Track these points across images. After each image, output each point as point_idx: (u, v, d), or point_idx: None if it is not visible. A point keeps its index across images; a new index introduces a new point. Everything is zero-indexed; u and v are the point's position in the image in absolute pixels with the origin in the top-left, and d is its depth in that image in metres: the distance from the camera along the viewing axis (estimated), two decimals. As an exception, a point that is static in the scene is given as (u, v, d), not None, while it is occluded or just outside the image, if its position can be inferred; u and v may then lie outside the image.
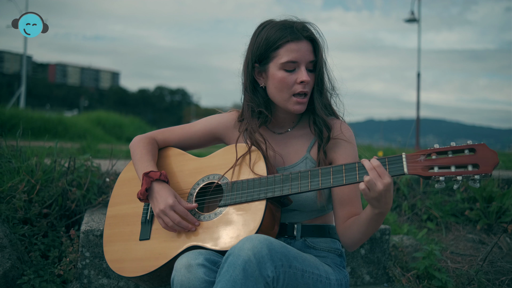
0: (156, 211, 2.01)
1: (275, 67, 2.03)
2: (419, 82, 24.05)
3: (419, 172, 1.72)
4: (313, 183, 1.87)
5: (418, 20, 24.19)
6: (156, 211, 2.01)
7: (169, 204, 1.98)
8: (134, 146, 2.26)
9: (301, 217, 2.11)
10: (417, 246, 3.22)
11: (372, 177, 1.73)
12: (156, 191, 2.03)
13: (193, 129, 2.31)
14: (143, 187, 2.03)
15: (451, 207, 3.94)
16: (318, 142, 2.11)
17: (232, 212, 1.95)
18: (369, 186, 1.74)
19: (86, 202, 3.10)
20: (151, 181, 2.04)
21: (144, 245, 2.07)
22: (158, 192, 2.03)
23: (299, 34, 2.02)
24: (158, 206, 2.00)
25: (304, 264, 1.86)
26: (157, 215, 2.01)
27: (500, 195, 3.92)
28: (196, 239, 1.96)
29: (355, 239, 1.99)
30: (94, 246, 2.50)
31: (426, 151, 1.73)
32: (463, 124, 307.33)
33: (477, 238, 3.70)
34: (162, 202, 1.99)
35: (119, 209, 2.23)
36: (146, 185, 2.03)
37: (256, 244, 1.70)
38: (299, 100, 2.04)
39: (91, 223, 2.61)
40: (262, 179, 1.95)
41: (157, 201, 2.01)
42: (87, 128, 16.35)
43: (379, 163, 1.74)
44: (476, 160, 1.65)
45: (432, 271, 2.88)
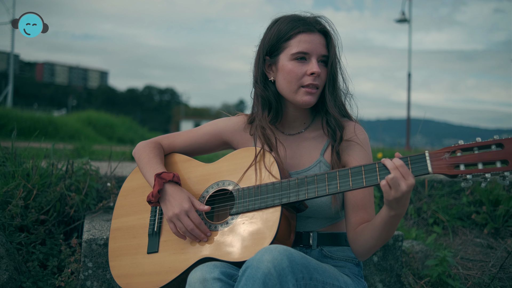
0: (170, 215, 1.90)
1: (286, 58, 1.96)
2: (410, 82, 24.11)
3: (444, 171, 1.62)
4: (331, 187, 1.77)
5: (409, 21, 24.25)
6: (170, 215, 1.90)
7: (185, 209, 1.88)
8: (140, 151, 2.14)
9: (316, 225, 2.01)
10: (427, 252, 3.14)
11: (396, 176, 1.63)
12: (169, 194, 1.92)
13: (200, 132, 2.20)
14: (156, 188, 1.92)
15: (457, 210, 3.86)
16: (331, 144, 2.01)
17: (245, 221, 1.84)
18: (392, 185, 1.63)
19: (85, 207, 2.98)
20: (163, 182, 1.94)
21: (152, 259, 1.95)
22: (171, 194, 1.92)
23: (312, 26, 1.96)
24: (173, 209, 1.89)
25: (325, 275, 1.76)
26: (169, 219, 1.90)
27: (506, 198, 3.85)
28: (208, 250, 1.85)
29: (367, 246, 1.88)
30: (98, 256, 2.38)
31: (451, 148, 1.63)
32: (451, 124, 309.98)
33: (485, 242, 3.62)
34: (177, 206, 1.89)
35: (124, 221, 2.11)
36: (159, 186, 1.92)
37: (276, 255, 1.59)
38: (308, 90, 1.94)
39: (93, 231, 2.48)
40: (276, 184, 1.84)
41: (171, 204, 1.90)
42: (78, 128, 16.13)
43: (402, 162, 1.64)
44: (504, 156, 1.55)
45: (446, 278, 2.79)
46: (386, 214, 1.74)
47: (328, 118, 2.02)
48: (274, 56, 2.00)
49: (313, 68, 1.92)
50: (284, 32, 1.97)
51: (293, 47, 1.94)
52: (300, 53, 1.93)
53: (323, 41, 1.97)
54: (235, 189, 1.92)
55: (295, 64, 1.94)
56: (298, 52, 1.93)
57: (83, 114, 19.59)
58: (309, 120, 2.11)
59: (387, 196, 1.66)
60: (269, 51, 2.01)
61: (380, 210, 1.79)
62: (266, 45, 2.02)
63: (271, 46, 2.00)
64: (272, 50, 2.00)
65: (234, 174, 1.96)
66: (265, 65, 2.04)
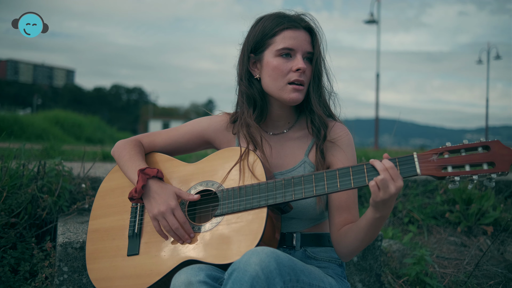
0: (154, 212, 1.84)
1: (271, 54, 1.93)
2: (378, 82, 24.46)
3: (432, 173, 1.62)
4: (318, 188, 1.74)
5: (377, 22, 24.59)
6: (154, 212, 1.84)
7: (171, 206, 1.83)
8: (120, 149, 2.08)
9: (299, 226, 1.98)
10: (404, 251, 3.16)
11: (386, 178, 1.62)
12: (154, 190, 1.87)
13: (181, 131, 2.15)
14: (139, 184, 1.86)
15: (431, 209, 3.91)
16: (316, 143, 2.00)
17: (230, 222, 1.80)
18: (381, 187, 1.62)
19: (57, 209, 2.88)
20: (147, 178, 1.88)
21: (133, 261, 1.89)
22: (156, 191, 1.87)
23: (297, 23, 1.95)
24: (158, 207, 1.84)
25: (311, 277, 1.74)
26: (154, 216, 1.85)
27: (478, 197, 3.93)
28: (192, 252, 1.80)
29: (351, 248, 1.87)
30: (73, 260, 2.29)
31: (438, 150, 1.64)
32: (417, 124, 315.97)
33: (459, 240, 3.67)
34: (162, 203, 1.84)
35: (102, 222, 2.04)
36: (143, 182, 1.86)
37: (263, 258, 1.56)
38: (295, 87, 1.91)
39: (68, 234, 2.39)
40: (262, 185, 1.81)
41: (155, 201, 1.85)
42: (45, 128, 15.70)
43: (392, 164, 1.63)
44: (490, 158, 1.57)
45: (423, 277, 2.81)
46: (372, 216, 1.73)
47: (312, 117, 2.00)
48: (259, 53, 1.97)
49: (298, 64, 1.90)
50: (269, 29, 1.94)
51: (278, 43, 1.92)
52: (285, 49, 1.91)
53: (308, 38, 1.96)
54: (219, 189, 1.88)
55: (280, 60, 1.92)
56: (283, 48, 1.91)
57: (50, 114, 19.08)
58: (294, 120, 2.08)
59: (375, 197, 1.65)
60: (253, 48, 1.98)
61: (365, 212, 1.78)
62: (251, 42, 1.99)
63: (255, 43, 1.97)
64: (257, 47, 1.97)
65: (218, 174, 1.92)
66: (250, 62, 2.01)
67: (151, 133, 2.18)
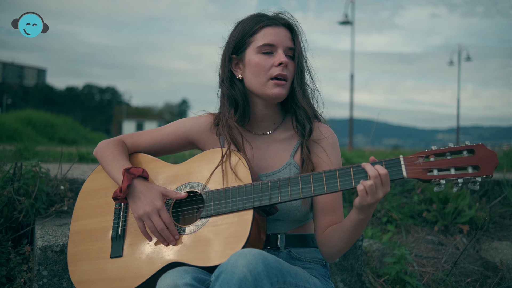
0: (140, 213, 1.82)
1: (252, 52, 1.94)
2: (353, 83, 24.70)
3: (418, 176, 1.64)
4: (305, 190, 1.75)
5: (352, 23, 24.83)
6: (140, 213, 1.82)
7: (157, 207, 1.81)
8: (103, 149, 2.05)
9: (284, 227, 1.98)
10: (384, 250, 3.19)
11: (376, 183, 1.64)
12: (139, 190, 1.85)
13: (165, 132, 2.13)
14: (125, 184, 1.83)
15: (409, 209, 3.96)
16: (301, 142, 2.00)
17: (216, 224, 1.78)
18: (370, 192, 1.64)
19: (35, 212, 2.81)
20: (132, 177, 1.86)
21: (116, 263, 1.86)
22: (142, 191, 1.84)
23: (276, 21, 1.97)
24: (143, 207, 1.81)
25: (297, 278, 1.74)
26: (139, 217, 1.83)
27: (454, 196, 4.00)
28: (176, 255, 1.78)
29: (336, 249, 1.89)
30: (53, 264, 2.24)
31: (424, 153, 1.66)
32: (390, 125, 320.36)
33: (436, 239, 3.73)
34: (148, 203, 1.81)
35: (84, 223, 2.00)
36: (128, 181, 1.84)
37: (251, 259, 1.56)
38: (277, 82, 1.92)
39: (47, 237, 2.34)
40: (248, 187, 1.80)
41: (141, 202, 1.83)
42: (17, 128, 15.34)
43: (386, 171, 1.64)
44: (475, 162, 1.60)
45: (403, 276, 2.84)
46: (356, 217, 1.75)
47: (298, 113, 2.00)
48: (241, 53, 1.98)
49: (280, 58, 1.91)
50: (248, 28, 1.96)
51: (259, 40, 1.93)
52: (266, 45, 1.92)
53: (288, 34, 1.97)
54: (204, 191, 1.86)
55: (262, 56, 1.93)
56: (264, 44, 1.92)
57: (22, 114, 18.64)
58: (279, 120, 2.08)
59: (363, 201, 1.67)
60: (235, 49, 1.99)
61: (349, 213, 1.79)
62: (232, 43, 1.99)
63: (236, 43, 1.98)
64: (238, 47, 1.98)
65: (203, 175, 1.90)
66: (232, 63, 2.01)
67: (134, 133, 2.15)
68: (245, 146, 1.97)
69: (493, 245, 3.68)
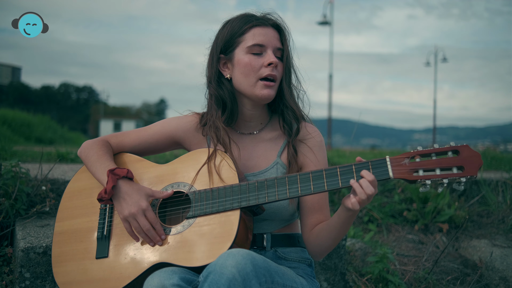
0: (125, 213, 1.80)
1: (242, 52, 1.94)
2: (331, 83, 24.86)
3: (404, 176, 1.66)
4: (292, 190, 1.76)
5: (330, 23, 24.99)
6: (125, 213, 1.80)
7: (143, 207, 1.80)
8: (87, 149, 2.02)
9: (270, 227, 1.99)
10: (366, 250, 3.22)
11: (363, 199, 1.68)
12: (124, 191, 1.83)
13: (150, 131, 2.11)
14: (109, 185, 1.81)
15: (390, 208, 4.01)
16: (288, 141, 2.01)
17: (202, 224, 1.78)
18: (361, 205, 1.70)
19: (14, 213, 2.76)
20: (117, 178, 1.84)
21: (102, 264, 1.84)
22: (127, 192, 1.83)
23: (265, 21, 1.97)
24: (128, 208, 1.80)
25: (284, 278, 1.75)
26: (124, 218, 1.81)
27: (434, 195, 4.06)
28: (164, 255, 1.77)
29: (324, 246, 1.91)
30: (36, 266, 2.20)
31: (410, 153, 1.69)
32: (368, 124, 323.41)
33: (416, 238, 3.78)
34: (133, 204, 1.80)
35: (69, 224, 1.98)
36: (113, 182, 1.82)
37: (239, 260, 1.56)
38: (266, 84, 1.92)
39: (30, 239, 2.30)
40: (235, 187, 1.80)
41: (126, 202, 1.81)
42: (-8, 127, 15.00)
43: (372, 189, 1.67)
44: (460, 162, 1.62)
45: (386, 274, 2.88)
46: (345, 214, 1.77)
47: (285, 113, 2.01)
48: (229, 53, 1.97)
49: (270, 58, 1.91)
50: (237, 28, 1.95)
51: (248, 40, 1.93)
52: (255, 46, 1.92)
53: (276, 35, 1.98)
54: (191, 191, 1.86)
55: (251, 57, 1.93)
56: (254, 44, 1.92)
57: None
58: (266, 120, 2.08)
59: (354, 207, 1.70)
60: (223, 49, 1.98)
61: (338, 211, 1.81)
62: (220, 43, 1.99)
63: (225, 43, 1.97)
64: (227, 47, 1.98)
65: (189, 175, 1.89)
66: (220, 63, 2.00)
67: (120, 133, 2.13)
68: (232, 147, 1.96)
69: (472, 244, 3.74)
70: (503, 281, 3.30)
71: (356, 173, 1.70)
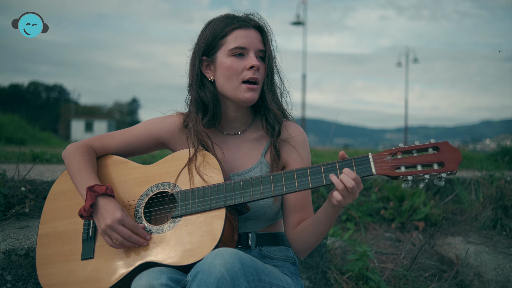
0: (102, 227, 1.79)
1: (224, 55, 1.94)
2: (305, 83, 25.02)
3: (387, 172, 1.70)
4: (277, 188, 1.78)
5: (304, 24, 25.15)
6: (102, 227, 1.79)
7: (117, 218, 1.78)
8: (70, 156, 2.00)
9: (255, 226, 2.01)
10: (345, 248, 3.27)
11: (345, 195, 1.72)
12: (101, 206, 1.82)
13: (135, 133, 2.10)
14: (88, 203, 1.80)
15: (367, 207, 4.07)
16: (271, 142, 2.03)
17: (188, 223, 1.79)
18: (345, 201, 1.74)
19: (-9, 215, 2.70)
20: (96, 196, 1.82)
21: (87, 265, 1.83)
22: (103, 207, 1.82)
23: (247, 23, 1.97)
24: (105, 221, 1.79)
25: (271, 276, 1.77)
26: (103, 231, 1.80)
27: (410, 194, 4.14)
28: (149, 255, 1.77)
29: (310, 243, 1.94)
30: (17, 268, 2.17)
31: (392, 150, 1.73)
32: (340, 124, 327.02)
33: (393, 236, 3.85)
34: (108, 217, 1.78)
35: (53, 226, 1.96)
36: (91, 200, 1.81)
37: (228, 259, 1.57)
38: (249, 87, 1.93)
39: (10, 241, 2.26)
40: (220, 186, 1.81)
41: (102, 216, 1.80)
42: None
43: (353, 182, 1.69)
44: (440, 158, 1.67)
45: (366, 272, 2.92)
46: (331, 208, 1.80)
47: (267, 115, 2.03)
48: (211, 55, 1.98)
49: (252, 62, 1.92)
50: (219, 30, 1.95)
51: (230, 43, 1.93)
52: (237, 48, 1.93)
53: (259, 37, 1.98)
54: (176, 191, 1.86)
55: (233, 59, 1.93)
56: (236, 47, 1.92)
57: (-36, 112, 17.76)
58: (250, 120, 2.10)
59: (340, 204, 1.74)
60: (205, 51, 1.98)
61: (324, 206, 1.84)
62: (202, 45, 1.99)
63: (207, 45, 1.98)
64: (209, 49, 1.98)
65: (174, 176, 1.90)
66: (203, 65, 2.00)
67: (104, 135, 2.12)
68: (215, 149, 1.97)
69: (447, 241, 3.84)
70: (477, 276, 3.39)
71: (339, 170, 1.73)
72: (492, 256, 3.53)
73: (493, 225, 4.05)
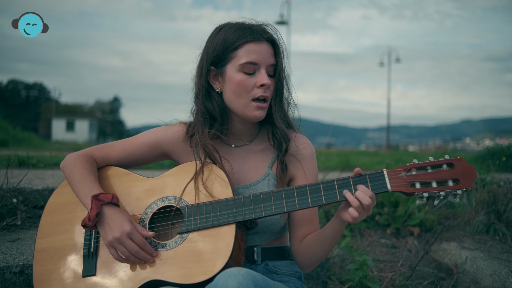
0: (109, 239, 1.72)
1: (233, 69, 1.86)
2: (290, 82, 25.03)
3: (402, 189, 1.67)
4: (289, 204, 1.73)
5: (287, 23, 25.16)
6: (109, 239, 1.72)
7: (126, 231, 1.71)
8: (70, 166, 1.92)
9: (261, 240, 1.96)
10: (343, 256, 3.23)
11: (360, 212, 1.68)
12: (107, 216, 1.74)
13: (136, 143, 2.02)
14: (93, 212, 1.72)
15: (362, 212, 4.04)
16: (278, 156, 1.97)
17: (196, 239, 1.72)
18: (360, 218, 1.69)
19: (-20, 227, 2.60)
20: (101, 205, 1.74)
21: (89, 283, 1.76)
22: (110, 217, 1.74)
23: (259, 35, 1.88)
24: (112, 233, 1.71)
25: (281, 295, 1.72)
26: (109, 243, 1.72)
27: (405, 199, 4.12)
28: (155, 272, 1.70)
29: (315, 258, 1.90)
30: (12, 286, 2.08)
31: (406, 166, 1.70)
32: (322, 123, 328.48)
33: (389, 242, 3.83)
34: (117, 229, 1.71)
35: (52, 240, 1.87)
36: (97, 209, 1.73)
37: (241, 280, 1.52)
38: (259, 105, 1.87)
39: (3, 257, 2.17)
40: (229, 201, 1.75)
41: (110, 228, 1.72)
42: None
43: (369, 200, 1.65)
44: (455, 175, 1.65)
45: (366, 282, 2.89)
46: (339, 225, 1.77)
47: (274, 130, 1.98)
48: (220, 67, 1.90)
49: (263, 80, 1.85)
50: (230, 41, 1.87)
51: (241, 57, 1.85)
52: (249, 64, 1.85)
53: (270, 50, 1.91)
54: (182, 206, 1.79)
55: (243, 76, 1.85)
56: (247, 62, 1.85)
57: None
58: (256, 131, 2.04)
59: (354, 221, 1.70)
60: (214, 61, 1.90)
61: (331, 222, 1.79)
62: (211, 54, 1.90)
63: (216, 56, 1.89)
64: (218, 60, 1.89)
65: (179, 189, 1.83)
66: (210, 75, 1.93)
67: (104, 145, 2.03)
68: (223, 163, 1.91)
69: (442, 246, 3.82)
70: (473, 283, 3.38)
71: (353, 186, 1.70)
72: (487, 262, 3.52)
73: (486, 229, 4.05)
